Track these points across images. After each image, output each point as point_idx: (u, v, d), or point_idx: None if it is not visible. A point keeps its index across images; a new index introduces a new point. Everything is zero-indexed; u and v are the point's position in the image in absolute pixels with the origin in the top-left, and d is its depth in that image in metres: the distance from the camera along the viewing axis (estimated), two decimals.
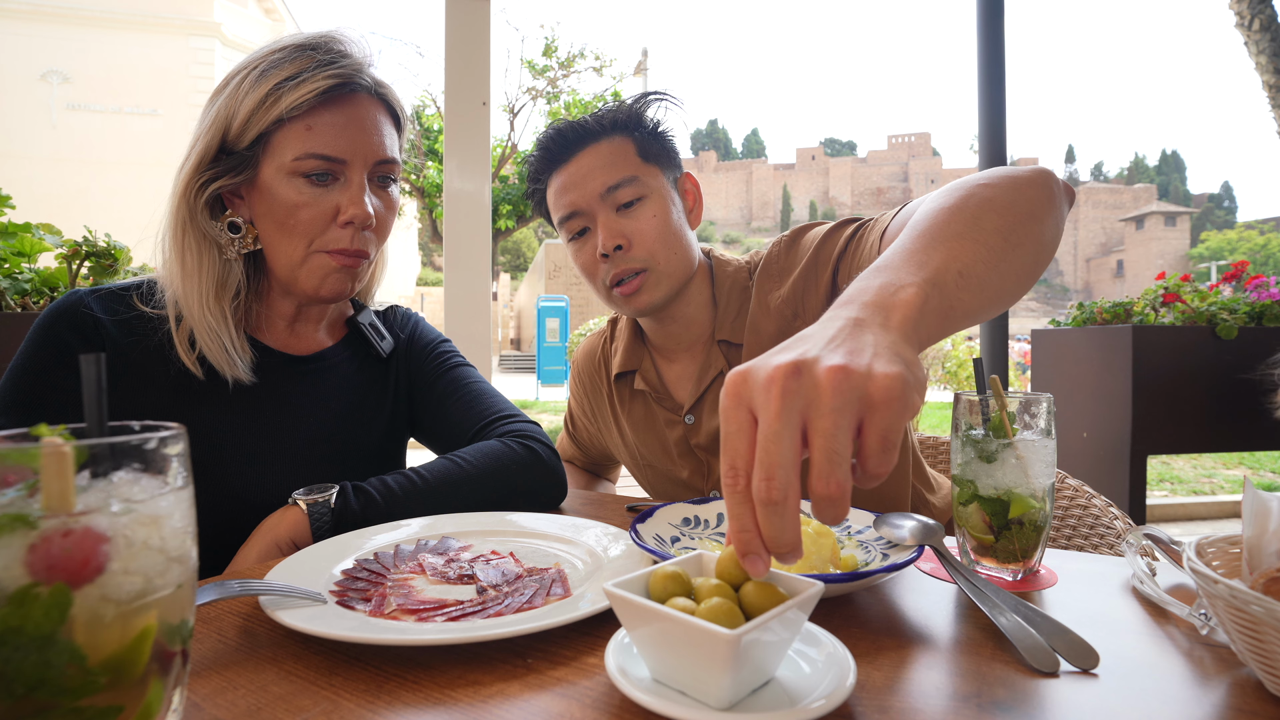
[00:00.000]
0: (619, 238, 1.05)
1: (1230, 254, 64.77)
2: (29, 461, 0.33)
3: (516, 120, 13.74)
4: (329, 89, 0.87)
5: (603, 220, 1.06)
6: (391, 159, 0.93)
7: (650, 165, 1.09)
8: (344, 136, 0.88)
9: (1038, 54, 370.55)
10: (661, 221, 1.07)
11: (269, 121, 0.86)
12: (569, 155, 1.09)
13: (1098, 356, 2.84)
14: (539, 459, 0.98)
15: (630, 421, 1.25)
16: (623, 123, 1.09)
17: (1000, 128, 3.05)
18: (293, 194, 0.87)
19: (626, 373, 1.24)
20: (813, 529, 0.64)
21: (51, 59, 20.17)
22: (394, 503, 0.85)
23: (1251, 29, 5.68)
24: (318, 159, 0.87)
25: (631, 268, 1.06)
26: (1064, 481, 1.27)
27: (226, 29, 21.31)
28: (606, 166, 1.06)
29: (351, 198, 0.89)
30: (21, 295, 1.94)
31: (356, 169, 0.90)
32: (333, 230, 0.90)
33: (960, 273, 0.58)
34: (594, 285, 1.12)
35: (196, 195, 0.88)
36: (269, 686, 0.48)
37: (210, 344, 0.88)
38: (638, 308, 1.10)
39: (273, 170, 0.87)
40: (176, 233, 0.88)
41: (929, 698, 0.46)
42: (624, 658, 0.47)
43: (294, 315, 1.01)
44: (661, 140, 1.12)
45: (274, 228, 0.89)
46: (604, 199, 1.06)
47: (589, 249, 1.09)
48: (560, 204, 1.10)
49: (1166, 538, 0.70)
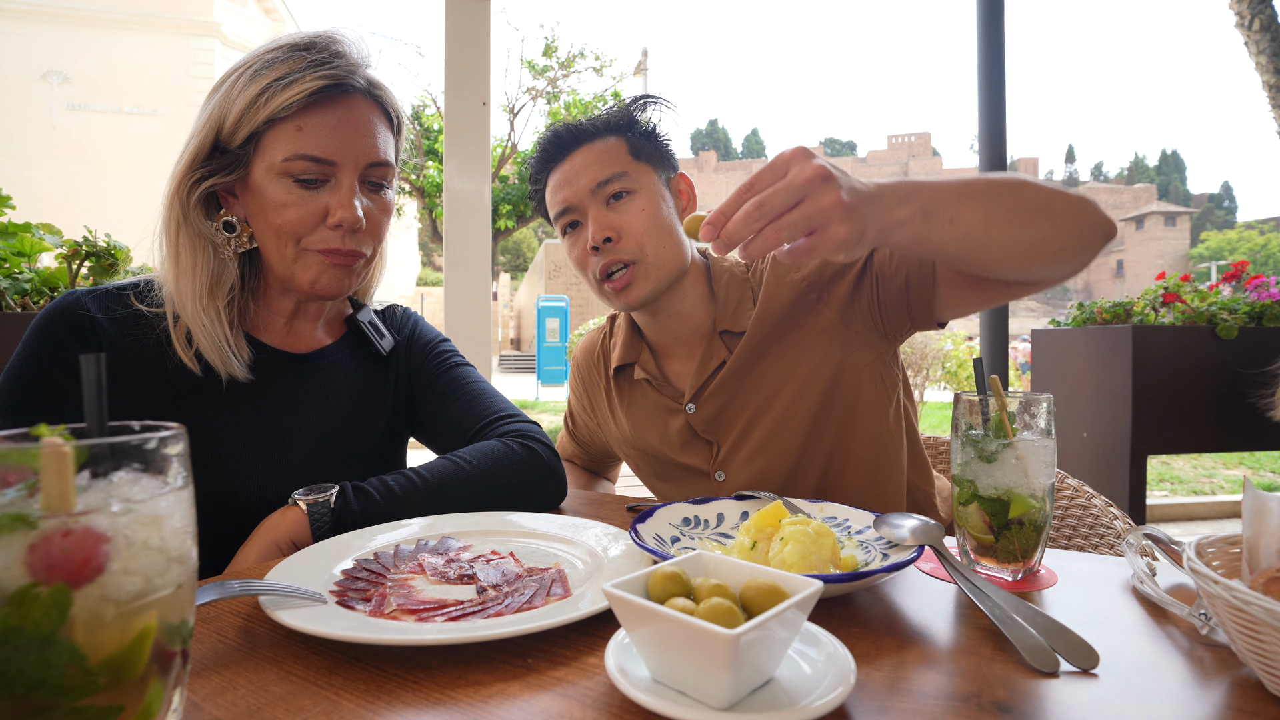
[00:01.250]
0: (608, 230, 1.08)
1: (1230, 254, 64.77)
2: (29, 461, 0.33)
3: (516, 120, 13.74)
4: (320, 89, 0.86)
5: (593, 214, 1.09)
6: (384, 161, 0.93)
7: (641, 164, 1.13)
8: (335, 138, 0.88)
9: (1038, 54, 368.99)
10: (650, 215, 1.10)
11: (260, 121, 0.85)
12: (564, 155, 1.13)
13: (1098, 356, 2.84)
14: (539, 459, 0.98)
15: (629, 413, 1.26)
16: (616, 124, 1.14)
17: (1000, 128, 3.05)
18: (281, 194, 0.87)
19: (625, 365, 1.26)
20: (813, 529, 0.64)
21: (51, 59, 20.17)
22: (394, 503, 0.85)
23: (1251, 29, 5.68)
24: (307, 160, 0.86)
25: (620, 259, 1.09)
26: (1064, 481, 1.27)
27: (226, 29, 21.31)
28: (598, 164, 1.10)
29: (340, 200, 0.88)
30: (21, 295, 1.94)
31: (347, 171, 0.89)
32: (321, 231, 0.89)
33: (952, 219, 0.76)
34: (587, 279, 1.15)
35: (189, 193, 0.88)
36: (269, 686, 0.48)
37: (206, 341, 0.88)
38: (629, 301, 1.12)
39: (263, 170, 0.87)
40: (170, 230, 0.89)
41: (929, 698, 0.46)
42: (624, 658, 0.47)
43: (292, 313, 1.01)
44: (654, 141, 1.16)
45: (265, 228, 0.89)
46: (594, 194, 1.09)
47: (581, 243, 1.12)
48: (555, 200, 1.13)
49: (1166, 538, 0.70)
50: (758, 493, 0.89)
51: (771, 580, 0.47)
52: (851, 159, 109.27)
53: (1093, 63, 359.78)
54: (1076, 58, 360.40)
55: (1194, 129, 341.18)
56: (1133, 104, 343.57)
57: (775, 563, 0.63)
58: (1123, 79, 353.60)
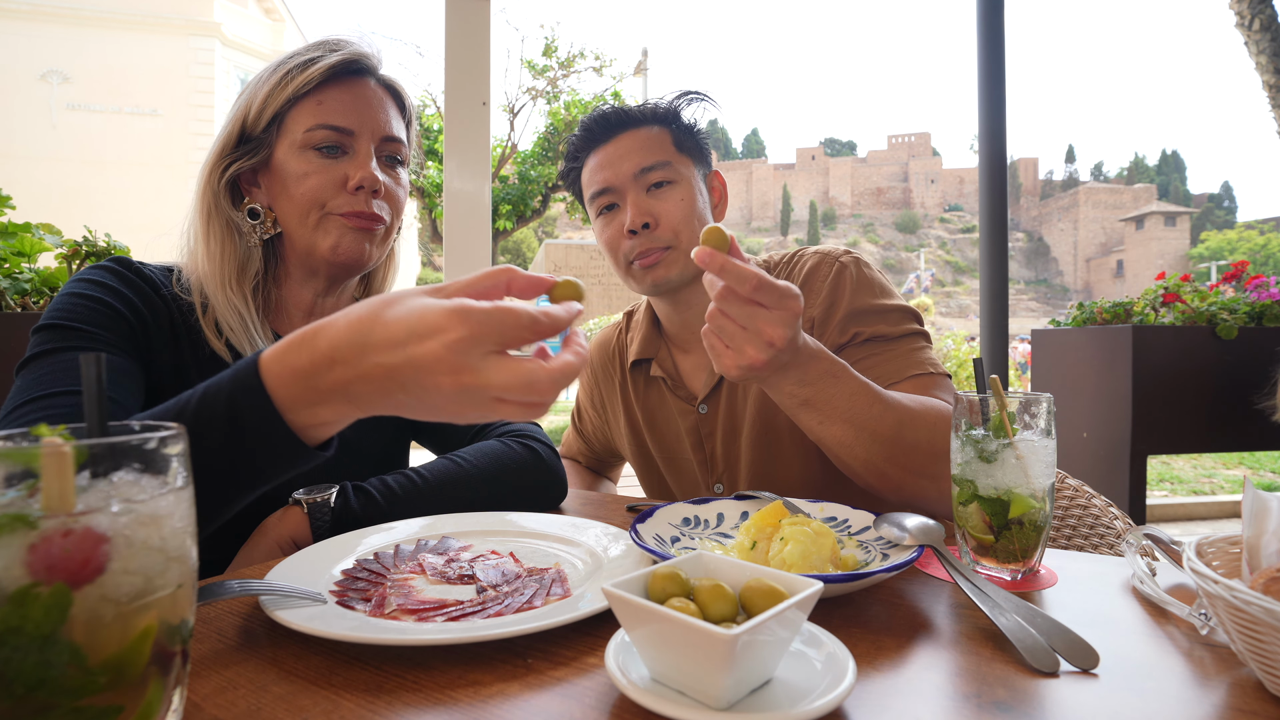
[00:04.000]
0: (646, 215, 1.10)
1: (1230, 254, 64.75)
2: (29, 461, 0.33)
3: (516, 120, 13.72)
4: (337, 64, 0.92)
5: (633, 198, 1.11)
6: (398, 137, 0.98)
7: (684, 156, 1.15)
8: (352, 110, 0.93)
9: (1038, 54, 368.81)
10: (688, 206, 1.12)
11: (282, 101, 0.91)
12: (610, 136, 1.15)
13: (1098, 356, 2.84)
14: (539, 459, 0.99)
15: (643, 409, 1.27)
16: (662, 115, 1.16)
17: (1000, 128, 3.05)
18: (304, 165, 0.92)
19: (642, 361, 1.27)
20: (813, 529, 0.64)
21: (51, 59, 20.17)
22: (394, 503, 0.85)
23: (1251, 29, 5.68)
24: (327, 129, 0.92)
25: (656, 246, 1.11)
26: (1064, 481, 1.27)
27: (226, 29, 21.31)
28: (643, 150, 1.12)
29: (359, 164, 0.93)
30: (21, 295, 1.94)
31: (364, 140, 0.94)
32: (343, 195, 0.93)
33: (821, 423, 0.87)
34: (614, 260, 1.16)
35: (219, 179, 0.92)
36: (269, 686, 0.48)
37: (234, 324, 0.91)
38: (654, 280, 1.13)
39: (286, 147, 0.92)
40: (202, 219, 0.93)
41: (929, 698, 0.46)
42: (624, 658, 0.47)
43: (311, 306, 1.02)
44: (695, 136, 1.18)
45: (288, 203, 0.93)
46: (637, 179, 1.11)
47: (616, 225, 1.13)
48: (595, 180, 1.15)
49: (1166, 538, 0.70)
50: (758, 493, 0.89)
51: (771, 580, 0.47)
52: (851, 159, 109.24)
53: (1093, 63, 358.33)
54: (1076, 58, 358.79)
55: (1194, 129, 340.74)
56: (1133, 104, 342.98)
57: (775, 563, 0.63)
58: (1123, 79, 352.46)
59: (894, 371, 1.01)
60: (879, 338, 1.04)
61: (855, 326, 1.05)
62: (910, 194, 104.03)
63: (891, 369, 1.01)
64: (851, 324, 1.06)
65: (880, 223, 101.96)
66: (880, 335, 1.04)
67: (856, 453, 0.87)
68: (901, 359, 1.02)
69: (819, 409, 0.86)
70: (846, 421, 0.86)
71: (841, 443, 0.88)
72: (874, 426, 0.86)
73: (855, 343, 1.05)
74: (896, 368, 1.01)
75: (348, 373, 0.53)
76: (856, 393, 0.86)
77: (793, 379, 0.83)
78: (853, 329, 1.05)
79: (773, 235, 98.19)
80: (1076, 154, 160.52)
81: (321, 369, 0.54)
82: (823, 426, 0.87)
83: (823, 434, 0.88)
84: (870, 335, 1.05)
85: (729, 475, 1.17)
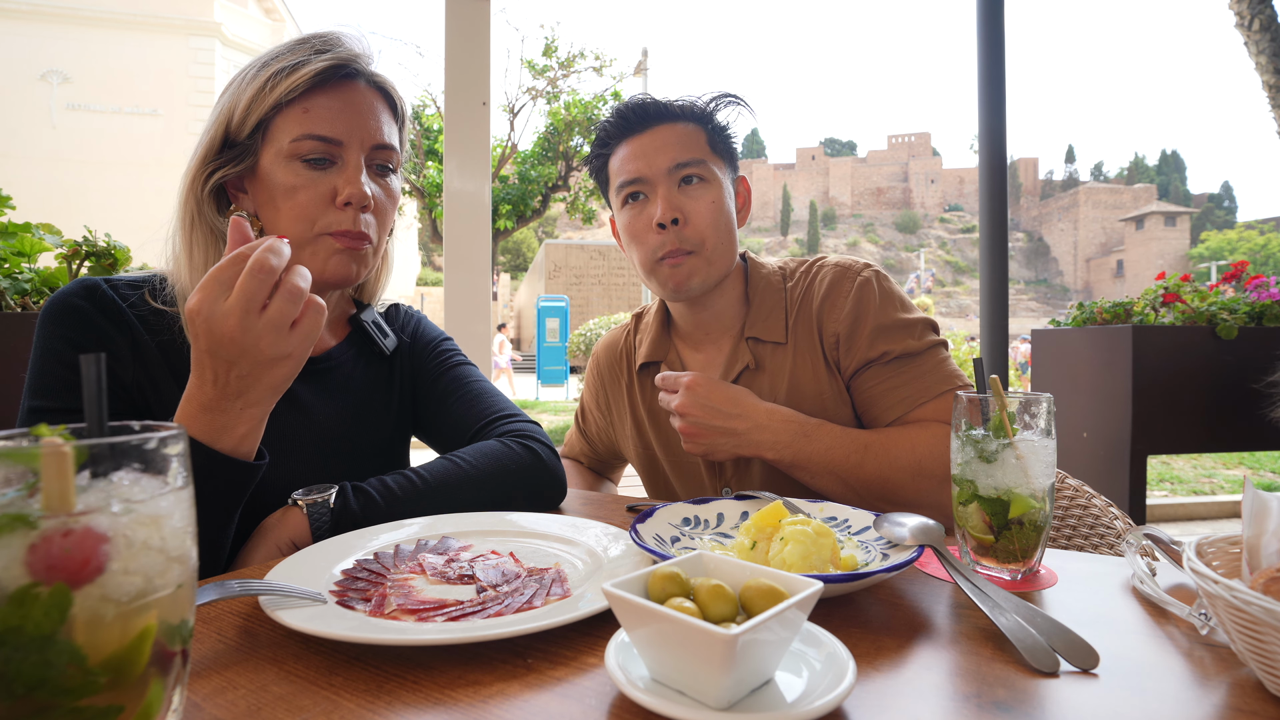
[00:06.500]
0: (677, 211, 1.10)
1: (1230, 254, 64.73)
2: (29, 461, 0.33)
3: (516, 120, 13.72)
4: (325, 70, 0.88)
5: (664, 192, 1.11)
6: (389, 145, 0.94)
7: (717, 157, 1.16)
8: (340, 119, 0.89)
9: (1038, 54, 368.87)
10: (718, 208, 1.12)
11: (267, 107, 0.86)
12: (645, 127, 1.14)
13: (1098, 356, 2.84)
14: (539, 459, 0.98)
15: (650, 412, 1.27)
16: (699, 113, 1.16)
17: (1000, 128, 3.05)
18: (290, 177, 0.87)
19: (651, 363, 1.27)
20: (813, 529, 0.64)
21: (51, 59, 20.17)
22: (394, 503, 0.85)
23: (1251, 29, 5.68)
24: (314, 140, 0.87)
25: (683, 248, 1.11)
26: (1064, 481, 1.27)
27: (226, 29, 21.31)
28: (679, 144, 1.12)
29: (348, 178, 0.89)
30: (21, 295, 1.94)
31: (353, 150, 0.90)
32: (332, 212, 0.89)
33: (810, 479, 1.03)
34: (639, 253, 1.15)
35: (203, 187, 0.89)
36: (269, 686, 0.48)
37: None
38: (679, 286, 1.13)
39: (271, 156, 0.88)
40: (185, 226, 0.89)
41: (929, 698, 0.46)
42: (624, 657, 0.47)
43: None
44: (727, 139, 1.18)
45: (275, 215, 0.89)
46: (670, 173, 1.11)
47: (644, 216, 1.13)
48: (625, 169, 1.14)
49: (1166, 538, 0.70)
50: (758, 493, 0.89)
51: (771, 580, 0.47)
52: (851, 159, 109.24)
53: (1093, 63, 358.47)
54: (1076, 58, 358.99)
55: (1194, 129, 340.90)
56: (1133, 104, 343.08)
57: (775, 563, 0.63)
58: (1123, 79, 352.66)
59: (923, 390, 1.05)
60: (907, 355, 1.08)
61: (884, 344, 1.08)
62: (910, 194, 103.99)
63: (920, 387, 1.05)
64: (880, 340, 1.08)
65: (880, 223, 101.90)
66: (909, 352, 1.08)
67: (849, 498, 0.99)
68: (929, 375, 1.06)
69: (803, 468, 1.00)
70: (830, 474, 0.99)
71: (831, 492, 1.01)
72: (856, 474, 0.99)
73: (883, 361, 1.08)
74: (925, 385, 1.05)
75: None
76: (833, 447, 0.99)
77: (766, 447, 1.00)
78: (881, 346, 1.08)
79: (772, 235, 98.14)
80: (1076, 154, 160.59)
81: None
82: (813, 480, 1.01)
83: (814, 486, 1.02)
84: (900, 353, 1.07)
85: (738, 479, 1.16)
